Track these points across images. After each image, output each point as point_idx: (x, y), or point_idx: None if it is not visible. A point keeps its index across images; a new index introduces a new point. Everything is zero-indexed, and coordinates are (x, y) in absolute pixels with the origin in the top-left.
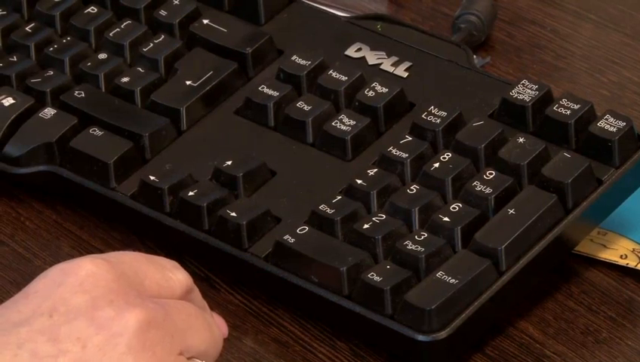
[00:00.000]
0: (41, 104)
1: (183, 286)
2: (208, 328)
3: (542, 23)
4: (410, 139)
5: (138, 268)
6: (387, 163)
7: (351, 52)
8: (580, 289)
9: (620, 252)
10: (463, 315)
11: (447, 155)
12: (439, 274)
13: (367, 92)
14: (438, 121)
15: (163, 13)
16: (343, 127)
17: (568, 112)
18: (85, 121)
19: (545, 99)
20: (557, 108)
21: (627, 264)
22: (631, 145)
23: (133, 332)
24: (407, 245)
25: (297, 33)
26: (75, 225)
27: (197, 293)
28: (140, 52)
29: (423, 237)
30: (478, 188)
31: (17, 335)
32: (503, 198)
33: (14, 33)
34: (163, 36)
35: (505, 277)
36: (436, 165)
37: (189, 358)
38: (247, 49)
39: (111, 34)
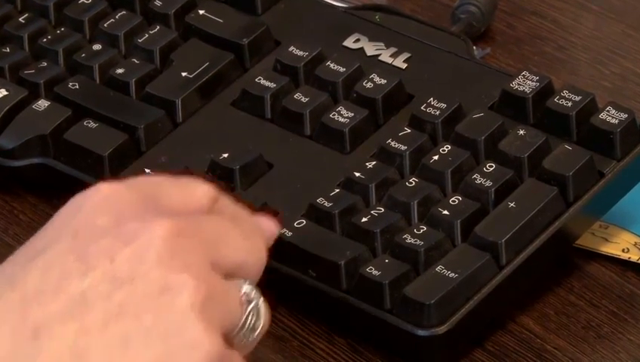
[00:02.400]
0: (34, 96)
1: (208, 197)
2: (243, 236)
3: (543, 14)
4: (409, 131)
5: (159, 186)
6: (386, 155)
7: (349, 43)
8: (581, 284)
9: (621, 245)
10: (463, 310)
11: (447, 148)
12: (438, 268)
13: (366, 83)
14: (438, 112)
15: (158, 3)
16: (341, 119)
17: (569, 104)
18: (79, 112)
19: (546, 91)
20: (558, 99)
21: (629, 258)
22: (633, 138)
23: (161, 241)
24: (406, 239)
25: (295, 24)
26: None
27: (226, 201)
28: (135, 43)
29: (422, 230)
30: (478, 181)
31: (44, 258)
32: (503, 191)
33: (7, 24)
34: (158, 27)
35: (505, 272)
36: (435, 158)
37: (227, 275)
38: (244, 40)
39: (105, 25)
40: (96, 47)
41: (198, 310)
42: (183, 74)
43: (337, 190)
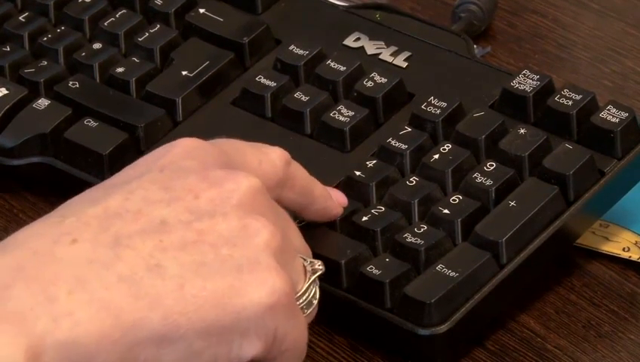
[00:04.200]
0: (34, 95)
1: (282, 158)
2: (302, 237)
3: (543, 13)
4: (410, 130)
5: (238, 146)
6: (386, 154)
7: (349, 42)
8: (582, 283)
9: (622, 244)
10: (463, 309)
11: (447, 147)
12: (439, 267)
13: (366, 82)
14: (438, 111)
15: (158, 2)
16: (342, 118)
17: (570, 103)
18: (80, 111)
19: (546, 90)
20: (558, 98)
21: (630, 257)
22: (633, 136)
23: (245, 190)
24: (406, 238)
25: (295, 22)
26: None
27: (297, 166)
28: (135, 42)
29: (422, 229)
30: (479, 180)
31: (128, 186)
32: (504, 190)
33: (7, 23)
34: (158, 26)
35: (506, 271)
36: (436, 157)
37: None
38: (244, 39)
39: (105, 23)
40: (97, 46)
41: (272, 251)
42: (183, 73)
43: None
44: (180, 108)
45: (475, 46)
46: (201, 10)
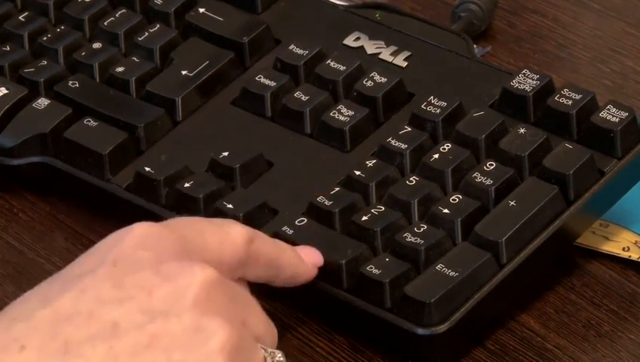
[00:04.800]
0: (34, 94)
1: (243, 237)
2: (265, 315)
3: (543, 12)
4: (410, 129)
5: (196, 227)
6: (386, 154)
7: (349, 41)
8: (582, 282)
9: (622, 244)
10: (463, 308)
11: (447, 146)
12: (439, 266)
13: (366, 82)
14: (438, 111)
15: (158, 2)
16: (342, 118)
17: (570, 102)
18: (79, 111)
19: (546, 90)
20: (558, 98)
21: (629, 256)
22: (633, 136)
23: (200, 285)
24: (406, 237)
25: (295, 22)
26: (69, 217)
27: (262, 240)
28: (135, 41)
29: (422, 229)
30: (479, 180)
31: (81, 283)
32: (504, 190)
33: (7, 22)
34: (158, 25)
35: (505, 270)
36: (436, 156)
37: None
38: (244, 38)
39: (105, 23)
40: (96, 45)
41: (226, 354)
42: (183, 72)
43: (337, 188)
44: (180, 107)
45: (475, 46)
46: (201, 10)
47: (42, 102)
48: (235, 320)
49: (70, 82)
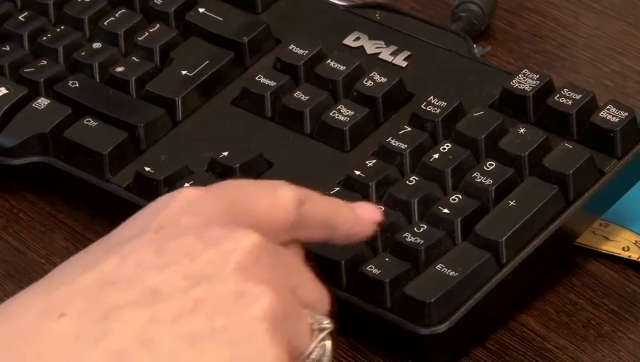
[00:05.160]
0: (34, 94)
1: (294, 199)
2: (316, 281)
3: (543, 12)
4: (410, 129)
5: (244, 190)
6: (386, 154)
7: (349, 41)
8: (582, 282)
9: (622, 244)
10: (463, 308)
11: (447, 146)
12: (439, 266)
13: (366, 82)
14: (438, 111)
15: (158, 1)
16: (342, 118)
17: (570, 102)
18: (79, 111)
19: (546, 89)
20: (558, 98)
21: (629, 256)
22: (633, 136)
23: (245, 251)
24: (406, 237)
25: (295, 22)
26: (69, 217)
27: (314, 199)
28: (135, 41)
29: (422, 229)
30: (479, 180)
31: (124, 249)
32: (504, 190)
33: (7, 22)
34: (158, 25)
35: (505, 270)
36: (436, 156)
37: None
38: (244, 38)
39: (105, 23)
40: (96, 45)
41: (269, 322)
42: (183, 72)
43: (337, 188)
44: (180, 107)
45: (474, 45)
46: (201, 10)
47: (42, 101)
48: (280, 287)
49: (70, 82)
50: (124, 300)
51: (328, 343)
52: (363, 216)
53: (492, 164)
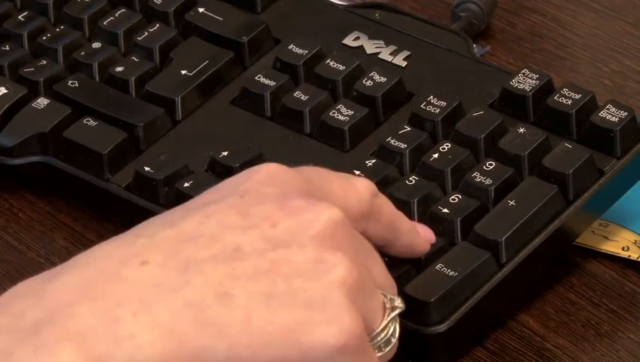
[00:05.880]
0: (34, 94)
1: (369, 190)
2: (386, 269)
3: (543, 12)
4: (409, 129)
5: (324, 175)
6: (386, 153)
7: (349, 41)
8: (581, 282)
9: (621, 244)
10: (463, 308)
11: (447, 146)
12: (439, 266)
13: (366, 81)
14: (438, 111)
15: (158, 1)
16: (341, 117)
17: (569, 102)
18: (79, 111)
19: (546, 89)
20: (558, 98)
21: (629, 256)
22: (633, 136)
23: (325, 222)
24: None
25: (294, 22)
26: (68, 216)
27: (385, 199)
28: (135, 41)
29: None
30: (478, 179)
31: (206, 210)
32: (504, 189)
33: (7, 22)
34: (158, 25)
35: (505, 270)
36: (435, 156)
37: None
38: (244, 38)
39: (105, 22)
40: (96, 45)
41: (346, 289)
42: (183, 72)
43: None
44: (180, 107)
45: (474, 45)
46: (201, 10)
47: (42, 101)
48: (357, 261)
49: (70, 82)
50: (205, 254)
51: (398, 325)
52: (422, 233)
53: (492, 164)
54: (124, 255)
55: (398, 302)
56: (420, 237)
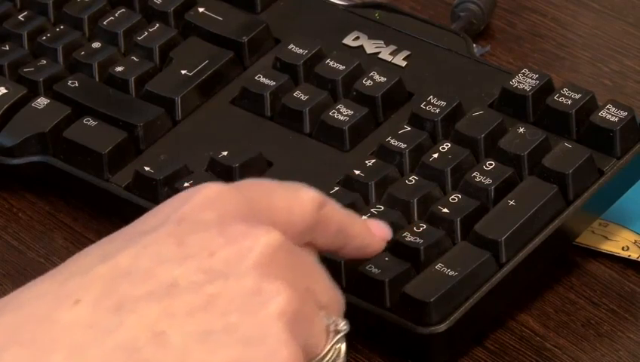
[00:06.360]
0: (34, 94)
1: (314, 201)
2: (332, 283)
3: (543, 12)
4: (409, 129)
5: (266, 189)
6: (385, 153)
7: (348, 41)
8: (581, 282)
9: (621, 244)
10: (463, 308)
11: (447, 146)
12: (438, 266)
13: (365, 81)
14: (437, 110)
15: (158, 1)
16: (341, 117)
17: (569, 102)
18: (79, 110)
19: (545, 89)
20: (558, 97)
21: (629, 256)
22: (633, 136)
23: (264, 248)
24: (405, 237)
25: (294, 21)
26: (68, 216)
27: (333, 206)
28: (135, 41)
29: (422, 228)
30: (478, 179)
31: (142, 240)
32: (503, 189)
33: (7, 22)
34: (158, 25)
35: (505, 270)
36: (435, 156)
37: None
38: (244, 38)
39: (105, 22)
40: (96, 45)
41: (285, 321)
42: (183, 72)
43: (337, 188)
44: (180, 107)
45: (474, 45)
46: (201, 9)
47: (42, 101)
48: (297, 286)
49: (69, 82)
50: (140, 292)
51: (343, 346)
52: (375, 232)
53: (491, 164)
54: (57, 295)
55: (342, 325)
56: (374, 236)
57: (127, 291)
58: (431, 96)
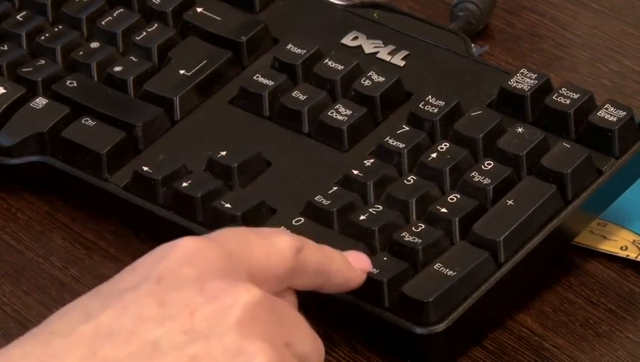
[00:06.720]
0: (32, 94)
1: (291, 248)
2: (311, 332)
3: (542, 12)
4: (408, 129)
5: (243, 239)
6: (384, 153)
7: (347, 41)
8: (580, 282)
9: (620, 243)
10: (461, 308)
11: (445, 145)
12: (437, 266)
13: (364, 81)
14: (436, 110)
15: (156, 1)
16: (339, 117)
17: (568, 102)
18: (77, 110)
19: (544, 89)
20: (556, 97)
21: (627, 256)
22: (631, 135)
23: (244, 306)
24: (404, 237)
25: (293, 21)
26: (67, 216)
27: (310, 249)
28: (133, 41)
29: (420, 228)
30: (477, 179)
31: (122, 299)
32: (502, 189)
33: (5, 22)
34: (156, 25)
35: (503, 269)
36: (434, 155)
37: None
38: (242, 37)
39: (103, 22)
40: (94, 44)
41: None
42: (181, 72)
43: (335, 188)
44: (178, 107)
45: (473, 45)
46: (199, 9)
47: (40, 101)
48: (277, 343)
49: (68, 81)
50: (123, 353)
51: None
52: (355, 264)
53: (490, 164)
54: (40, 358)
55: None
56: (354, 270)
57: (110, 352)
58: (429, 96)
